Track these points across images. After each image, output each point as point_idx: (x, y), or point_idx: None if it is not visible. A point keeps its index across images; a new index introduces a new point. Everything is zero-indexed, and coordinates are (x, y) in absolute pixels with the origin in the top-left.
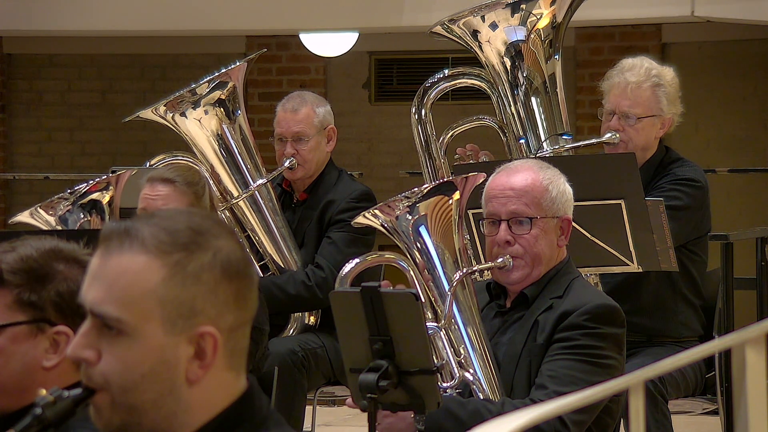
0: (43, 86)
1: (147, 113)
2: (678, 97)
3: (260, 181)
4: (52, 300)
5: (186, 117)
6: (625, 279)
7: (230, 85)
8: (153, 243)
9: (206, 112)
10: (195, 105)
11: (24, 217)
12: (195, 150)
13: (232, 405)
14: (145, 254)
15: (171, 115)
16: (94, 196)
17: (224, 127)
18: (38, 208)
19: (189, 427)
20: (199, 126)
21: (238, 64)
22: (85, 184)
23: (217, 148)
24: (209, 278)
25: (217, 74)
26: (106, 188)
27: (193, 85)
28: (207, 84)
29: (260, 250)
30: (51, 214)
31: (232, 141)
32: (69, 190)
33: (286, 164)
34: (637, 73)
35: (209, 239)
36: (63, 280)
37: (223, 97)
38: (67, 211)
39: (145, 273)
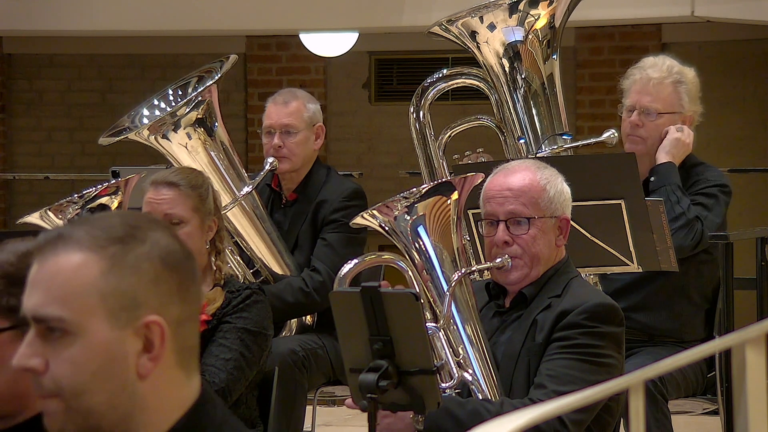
0: (43, 86)
1: (132, 136)
2: (698, 96)
3: (246, 190)
4: None
5: (169, 140)
6: (634, 277)
7: (206, 103)
8: (87, 240)
9: (189, 136)
10: (175, 127)
11: (33, 218)
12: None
13: (185, 415)
14: (81, 251)
15: (154, 137)
16: (103, 200)
17: (207, 148)
18: (47, 211)
19: (146, 429)
20: (187, 153)
21: (209, 83)
22: (94, 188)
23: (203, 166)
24: (149, 268)
25: (193, 94)
26: (115, 193)
27: (174, 106)
28: (185, 106)
29: (251, 257)
30: (60, 218)
31: (216, 160)
32: (78, 194)
33: (267, 167)
34: (659, 69)
35: (145, 232)
36: None
37: (200, 116)
38: (76, 214)
39: (82, 268)
